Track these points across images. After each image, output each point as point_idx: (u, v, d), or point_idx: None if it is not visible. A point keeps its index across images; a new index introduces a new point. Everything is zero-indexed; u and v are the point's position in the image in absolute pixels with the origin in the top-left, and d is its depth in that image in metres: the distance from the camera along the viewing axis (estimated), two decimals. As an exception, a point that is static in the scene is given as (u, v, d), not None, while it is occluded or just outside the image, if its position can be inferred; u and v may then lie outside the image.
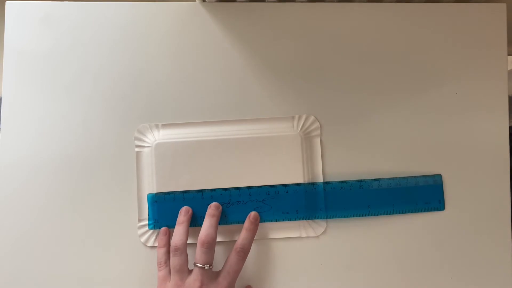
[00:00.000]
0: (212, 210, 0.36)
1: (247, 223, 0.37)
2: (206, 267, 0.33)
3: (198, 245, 0.34)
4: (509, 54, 0.41)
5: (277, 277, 0.38)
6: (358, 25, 0.41)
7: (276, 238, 0.39)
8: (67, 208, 0.38)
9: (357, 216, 0.39)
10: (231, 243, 0.38)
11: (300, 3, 0.41)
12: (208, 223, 0.35)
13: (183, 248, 0.34)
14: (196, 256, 0.34)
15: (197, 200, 0.38)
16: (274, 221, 0.38)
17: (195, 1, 0.40)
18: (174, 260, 0.34)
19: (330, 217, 0.39)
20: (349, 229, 0.39)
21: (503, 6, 0.41)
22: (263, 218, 0.38)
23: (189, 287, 0.33)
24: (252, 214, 0.37)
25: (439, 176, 0.39)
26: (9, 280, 0.38)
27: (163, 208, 0.38)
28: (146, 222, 0.38)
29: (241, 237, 0.36)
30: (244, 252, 0.35)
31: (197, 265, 0.34)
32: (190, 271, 0.34)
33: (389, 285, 0.39)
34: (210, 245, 0.34)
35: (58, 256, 0.38)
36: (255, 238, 0.38)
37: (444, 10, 0.41)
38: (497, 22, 0.40)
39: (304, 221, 0.39)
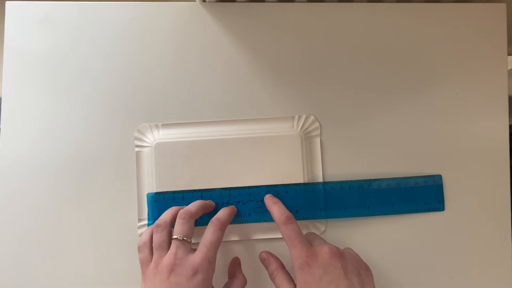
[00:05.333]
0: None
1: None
2: (180, 237, 0.32)
3: (177, 218, 0.33)
4: (509, 54, 0.41)
5: (277, 277, 0.38)
6: (358, 25, 0.41)
7: (276, 238, 0.39)
8: (67, 208, 0.38)
9: (357, 216, 0.39)
10: (229, 243, 0.38)
11: (300, 3, 0.41)
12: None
13: (165, 225, 0.33)
14: (174, 229, 0.33)
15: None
16: (274, 221, 0.38)
17: (195, 1, 0.40)
18: (155, 237, 0.33)
19: (330, 217, 0.39)
20: (349, 229, 0.39)
21: (503, 6, 0.40)
22: (263, 218, 0.38)
23: (165, 262, 0.32)
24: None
25: (439, 176, 0.39)
26: (10, 279, 0.38)
27: (163, 208, 0.37)
28: (146, 221, 0.38)
29: (220, 212, 0.35)
30: (220, 222, 0.34)
31: (172, 238, 0.33)
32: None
33: (389, 285, 0.39)
34: (189, 217, 0.33)
35: (58, 256, 0.38)
36: (253, 238, 0.38)
37: (444, 10, 0.41)
38: (497, 22, 0.40)
39: (304, 221, 0.39)
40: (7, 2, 0.40)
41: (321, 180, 0.39)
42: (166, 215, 0.35)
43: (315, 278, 0.30)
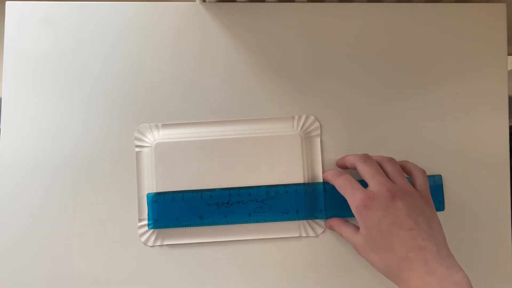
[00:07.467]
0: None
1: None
2: None
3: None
4: (509, 54, 0.41)
5: (277, 277, 0.38)
6: (358, 25, 0.40)
7: (276, 238, 0.39)
8: (67, 208, 0.38)
9: (357, 216, 0.39)
10: (229, 243, 0.38)
11: (300, 3, 0.41)
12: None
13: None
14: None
15: (197, 200, 0.38)
16: (274, 221, 0.38)
17: (195, 1, 0.40)
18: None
19: (330, 217, 0.38)
20: (349, 229, 0.39)
21: (503, 6, 0.40)
22: (263, 218, 0.38)
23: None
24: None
25: (439, 176, 0.39)
26: (9, 280, 0.38)
27: (163, 208, 0.38)
28: (146, 221, 0.38)
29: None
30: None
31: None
32: None
33: (389, 285, 0.39)
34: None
35: (58, 256, 0.38)
36: (253, 238, 0.38)
37: (444, 10, 0.41)
38: (497, 22, 0.40)
39: (304, 221, 0.39)
40: (7, 2, 0.40)
41: (321, 180, 0.39)
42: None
43: (374, 221, 0.30)
